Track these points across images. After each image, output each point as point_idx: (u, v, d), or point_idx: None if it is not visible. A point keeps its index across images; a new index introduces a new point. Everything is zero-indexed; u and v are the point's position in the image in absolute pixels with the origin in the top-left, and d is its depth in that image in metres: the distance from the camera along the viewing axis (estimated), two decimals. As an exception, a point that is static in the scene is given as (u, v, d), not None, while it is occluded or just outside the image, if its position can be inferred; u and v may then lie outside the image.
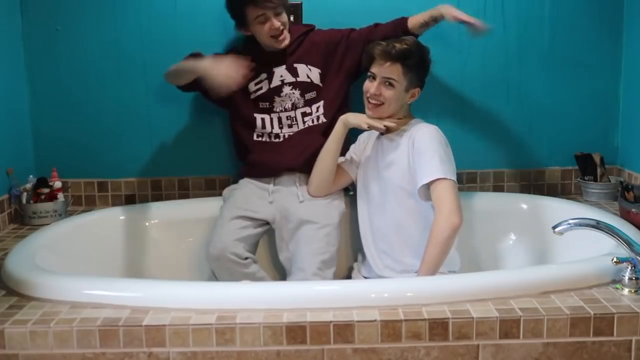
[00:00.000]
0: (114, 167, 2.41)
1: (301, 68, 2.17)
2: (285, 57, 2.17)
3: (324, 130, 2.13)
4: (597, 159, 2.40)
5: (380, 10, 2.33)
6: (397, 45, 1.91)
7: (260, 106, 2.17)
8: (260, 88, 2.17)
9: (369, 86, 1.95)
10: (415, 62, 1.93)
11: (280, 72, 2.16)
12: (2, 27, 2.21)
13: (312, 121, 2.17)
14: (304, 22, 2.32)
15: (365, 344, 1.38)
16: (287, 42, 2.12)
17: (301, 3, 2.33)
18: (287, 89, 2.16)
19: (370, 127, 1.98)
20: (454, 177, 1.87)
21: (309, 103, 2.17)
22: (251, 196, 2.15)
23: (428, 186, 1.87)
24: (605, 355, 1.41)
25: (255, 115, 2.18)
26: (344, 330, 1.38)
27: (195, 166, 2.42)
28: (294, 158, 2.14)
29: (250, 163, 2.20)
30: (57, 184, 2.24)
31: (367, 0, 2.36)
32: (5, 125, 2.18)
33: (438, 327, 1.38)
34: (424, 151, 1.89)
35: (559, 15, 2.41)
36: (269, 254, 2.22)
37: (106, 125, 2.39)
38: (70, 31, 2.33)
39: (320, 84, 2.18)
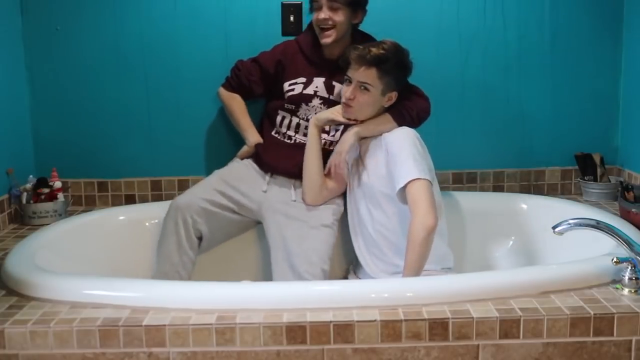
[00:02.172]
0: (114, 167, 2.41)
1: (338, 88, 2.13)
2: (329, 70, 2.12)
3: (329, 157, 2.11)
4: (597, 159, 2.40)
5: (382, 10, 2.34)
6: (373, 50, 1.89)
7: (286, 107, 2.16)
8: (293, 90, 2.15)
9: (345, 90, 1.94)
10: (392, 66, 1.91)
11: (317, 84, 2.13)
12: (2, 27, 2.21)
13: (326, 144, 2.14)
14: (305, 22, 2.32)
15: (365, 344, 1.38)
16: (329, 40, 2.05)
17: (301, 3, 2.33)
18: (316, 102, 2.13)
19: (339, 119, 1.98)
20: (428, 176, 1.86)
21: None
22: (247, 177, 2.16)
23: (404, 189, 1.86)
24: (605, 355, 1.41)
25: (279, 111, 2.17)
26: (344, 330, 1.38)
27: (195, 166, 2.42)
28: (294, 165, 2.12)
29: (257, 151, 2.20)
30: (57, 184, 2.24)
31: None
32: (5, 125, 2.18)
33: (438, 327, 1.38)
34: (397, 154, 1.88)
35: (559, 16, 2.41)
36: (261, 253, 2.21)
37: (106, 125, 2.39)
38: (70, 31, 2.33)
39: None
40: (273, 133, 2.20)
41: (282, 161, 2.15)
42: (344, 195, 2.18)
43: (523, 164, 2.49)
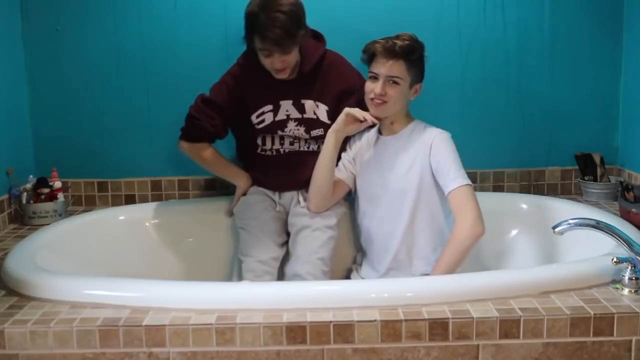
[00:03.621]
0: (114, 167, 2.41)
1: (308, 104, 2.07)
2: (294, 90, 2.06)
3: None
4: (597, 159, 2.40)
5: (381, 9, 2.34)
6: (399, 42, 1.86)
7: (262, 134, 2.12)
8: (263, 120, 2.08)
9: (373, 87, 1.89)
10: (418, 57, 1.90)
11: (287, 107, 2.07)
12: (2, 27, 2.21)
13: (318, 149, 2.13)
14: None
15: (365, 344, 1.38)
16: (285, 76, 1.99)
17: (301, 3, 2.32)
18: (292, 125, 2.08)
19: (361, 119, 1.91)
20: (471, 182, 1.87)
21: (315, 140, 2.12)
22: (263, 206, 2.13)
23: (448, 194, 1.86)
24: (605, 355, 1.41)
25: (256, 136, 2.12)
26: (344, 330, 1.38)
27: (195, 166, 2.41)
28: (297, 178, 2.11)
29: (254, 175, 2.19)
30: (57, 184, 2.24)
31: (366, 0, 2.36)
32: (5, 125, 2.18)
33: (438, 327, 1.38)
34: (444, 158, 1.87)
35: (559, 16, 2.41)
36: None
37: (106, 125, 2.39)
38: (70, 31, 2.33)
39: (329, 122, 2.08)
40: (259, 152, 2.15)
41: (283, 177, 2.13)
42: (347, 194, 2.17)
43: (523, 164, 2.49)
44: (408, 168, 1.93)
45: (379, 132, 2.03)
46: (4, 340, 1.36)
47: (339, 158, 2.07)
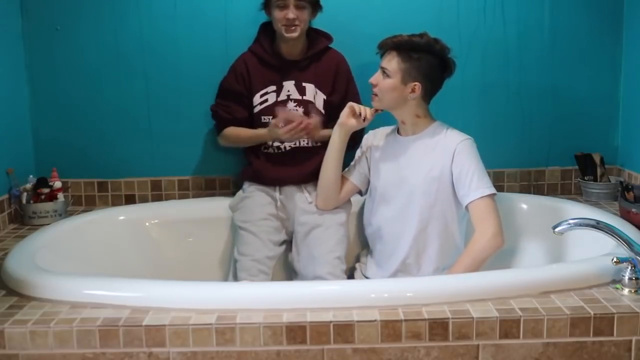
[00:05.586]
0: (114, 167, 2.41)
1: (309, 88, 2.16)
2: (295, 72, 2.16)
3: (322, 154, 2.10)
4: (597, 159, 2.40)
5: (380, 9, 2.34)
6: (398, 36, 1.89)
7: (263, 120, 2.16)
8: (266, 100, 2.16)
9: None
10: (410, 51, 1.87)
11: (288, 87, 2.15)
12: (2, 27, 2.21)
13: (314, 143, 2.17)
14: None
15: (365, 344, 1.38)
16: (295, 34, 2.08)
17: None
18: (291, 105, 2.15)
19: (358, 112, 1.95)
20: (495, 191, 1.87)
21: None
22: (262, 205, 2.14)
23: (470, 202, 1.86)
24: (605, 355, 1.41)
25: (259, 129, 2.16)
26: (344, 330, 1.38)
27: (195, 166, 2.42)
28: (297, 172, 2.14)
29: (255, 170, 2.19)
30: (57, 184, 2.24)
31: (367, 1, 2.36)
32: (5, 125, 2.18)
33: (438, 327, 1.38)
34: (466, 167, 1.86)
35: (559, 16, 2.41)
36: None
37: (106, 125, 2.39)
38: (70, 31, 2.33)
39: (323, 112, 2.16)
40: (263, 149, 2.19)
41: (285, 171, 2.15)
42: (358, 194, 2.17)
43: (523, 164, 2.49)
44: (427, 172, 1.91)
45: (398, 132, 2.03)
46: (4, 340, 1.36)
47: (352, 156, 2.09)
